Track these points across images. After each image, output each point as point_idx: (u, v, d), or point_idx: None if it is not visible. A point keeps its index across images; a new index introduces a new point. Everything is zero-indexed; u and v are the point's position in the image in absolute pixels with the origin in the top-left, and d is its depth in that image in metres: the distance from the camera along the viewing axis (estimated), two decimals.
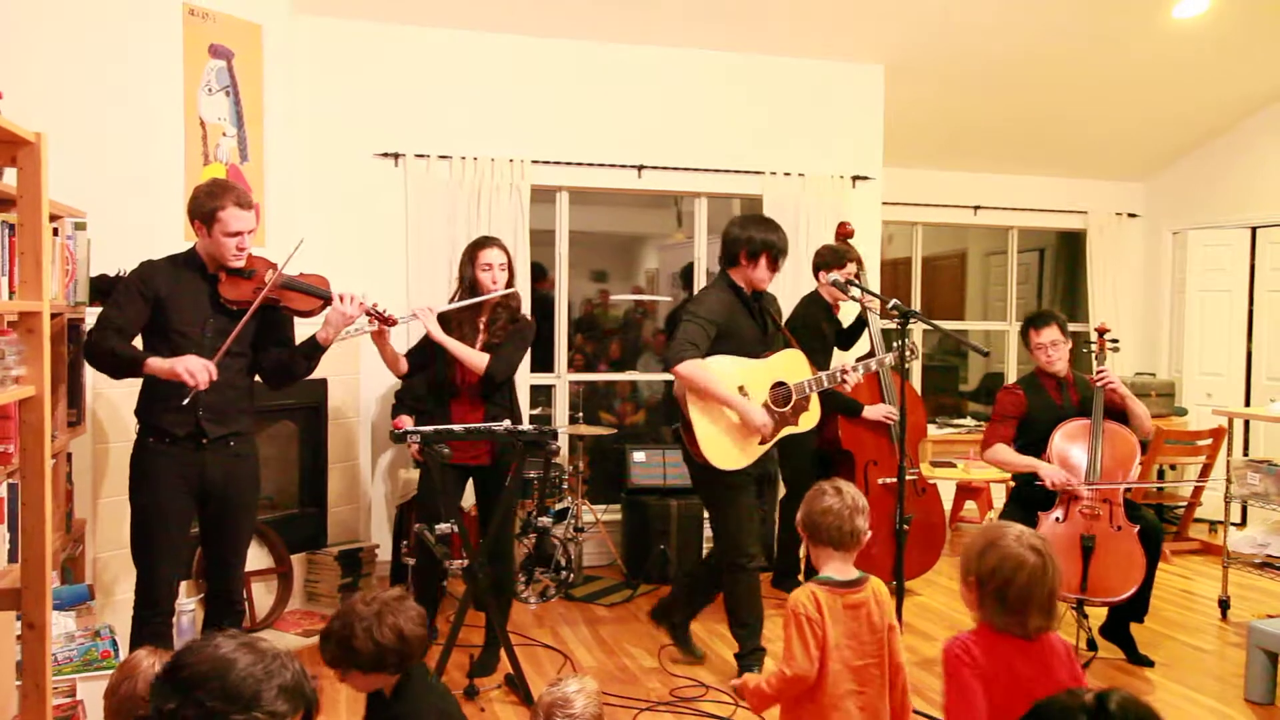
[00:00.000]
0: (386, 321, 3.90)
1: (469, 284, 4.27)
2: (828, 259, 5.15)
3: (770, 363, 4.22)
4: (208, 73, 4.82)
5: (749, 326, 4.23)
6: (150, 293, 3.40)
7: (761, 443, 4.13)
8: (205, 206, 3.39)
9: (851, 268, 5.13)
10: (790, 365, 4.27)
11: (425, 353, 4.30)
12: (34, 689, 2.25)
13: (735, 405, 4.05)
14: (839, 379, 4.25)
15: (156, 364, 3.28)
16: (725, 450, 4.08)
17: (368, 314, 3.74)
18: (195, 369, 3.24)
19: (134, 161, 4.52)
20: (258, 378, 3.69)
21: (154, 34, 4.61)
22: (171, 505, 3.44)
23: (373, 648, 2.38)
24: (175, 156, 4.68)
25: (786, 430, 4.21)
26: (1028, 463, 4.47)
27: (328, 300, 3.61)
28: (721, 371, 4.07)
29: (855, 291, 4.74)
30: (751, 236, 4.15)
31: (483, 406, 4.26)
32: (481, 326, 4.29)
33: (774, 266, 4.20)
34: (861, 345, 5.50)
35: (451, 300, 4.31)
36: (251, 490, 3.65)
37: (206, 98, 4.82)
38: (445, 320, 4.23)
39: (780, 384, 4.20)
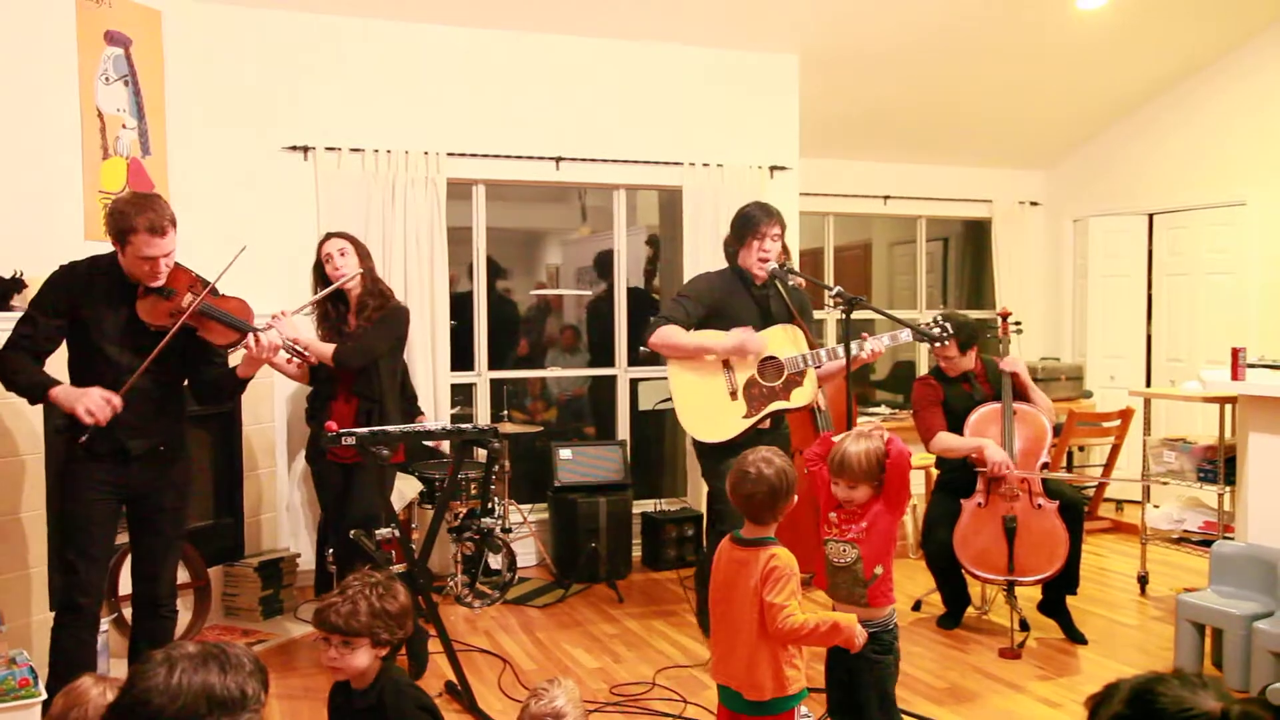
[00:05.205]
0: (304, 360, 3.85)
1: (321, 280, 4.33)
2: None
3: (761, 336, 4.14)
4: (104, 61, 4.54)
5: (746, 307, 4.21)
6: (66, 308, 3.28)
7: (749, 412, 4.06)
8: (116, 226, 3.21)
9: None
10: (783, 340, 4.17)
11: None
12: None
13: (713, 346, 4.07)
14: (863, 351, 4.00)
15: (60, 395, 3.21)
16: (704, 421, 4.10)
17: (287, 351, 3.60)
18: (95, 407, 3.16)
19: (27, 154, 4.22)
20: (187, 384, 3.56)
21: (45, 18, 4.31)
22: (96, 507, 3.33)
23: (399, 610, 2.39)
24: (72, 149, 4.39)
25: (776, 405, 4.10)
26: (975, 444, 4.51)
27: (244, 334, 3.40)
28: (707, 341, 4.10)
29: (791, 279, 4.71)
30: (744, 213, 4.24)
31: (355, 400, 4.22)
32: (351, 318, 4.28)
33: (761, 247, 4.17)
34: None
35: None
36: (174, 493, 3.50)
37: (104, 87, 4.53)
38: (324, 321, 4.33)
39: (770, 358, 4.12)
